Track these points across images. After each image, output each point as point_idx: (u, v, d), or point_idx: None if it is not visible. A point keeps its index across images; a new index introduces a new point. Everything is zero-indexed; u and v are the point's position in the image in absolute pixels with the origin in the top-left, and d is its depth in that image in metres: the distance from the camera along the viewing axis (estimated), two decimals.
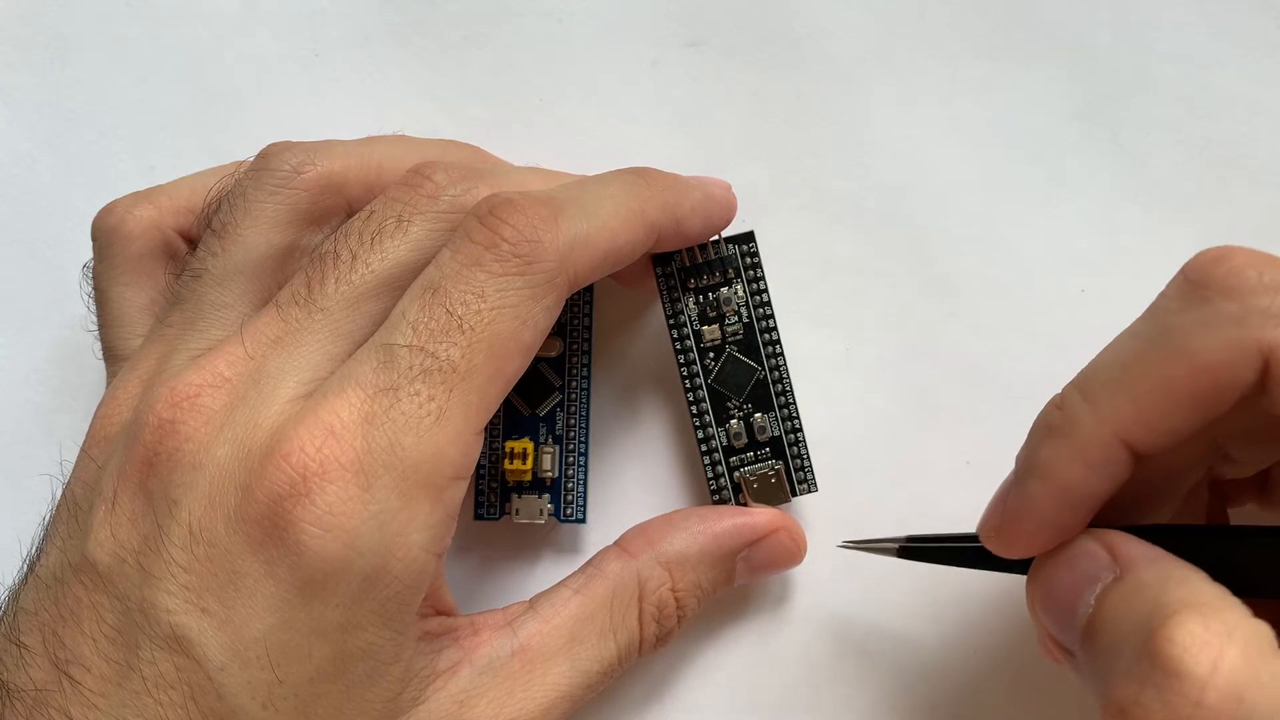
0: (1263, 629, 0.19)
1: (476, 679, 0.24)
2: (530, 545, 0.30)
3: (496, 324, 0.22)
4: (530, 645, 0.25)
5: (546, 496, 0.29)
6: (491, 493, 0.29)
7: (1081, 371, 0.22)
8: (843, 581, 0.30)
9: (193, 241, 0.27)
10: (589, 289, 0.30)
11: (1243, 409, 0.20)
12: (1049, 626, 0.22)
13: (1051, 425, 0.22)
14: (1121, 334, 0.22)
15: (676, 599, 0.27)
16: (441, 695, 0.24)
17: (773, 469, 0.29)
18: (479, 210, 0.23)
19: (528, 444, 0.28)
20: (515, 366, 0.23)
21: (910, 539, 0.26)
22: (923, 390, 0.30)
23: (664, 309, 0.29)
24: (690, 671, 0.30)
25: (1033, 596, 0.23)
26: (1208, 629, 0.19)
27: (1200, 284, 0.20)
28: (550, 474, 0.29)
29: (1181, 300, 0.21)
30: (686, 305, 0.29)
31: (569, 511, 0.29)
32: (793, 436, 0.29)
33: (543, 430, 0.29)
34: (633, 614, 0.27)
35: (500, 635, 0.25)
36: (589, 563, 0.27)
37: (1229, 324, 0.20)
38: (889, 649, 0.29)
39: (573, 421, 0.29)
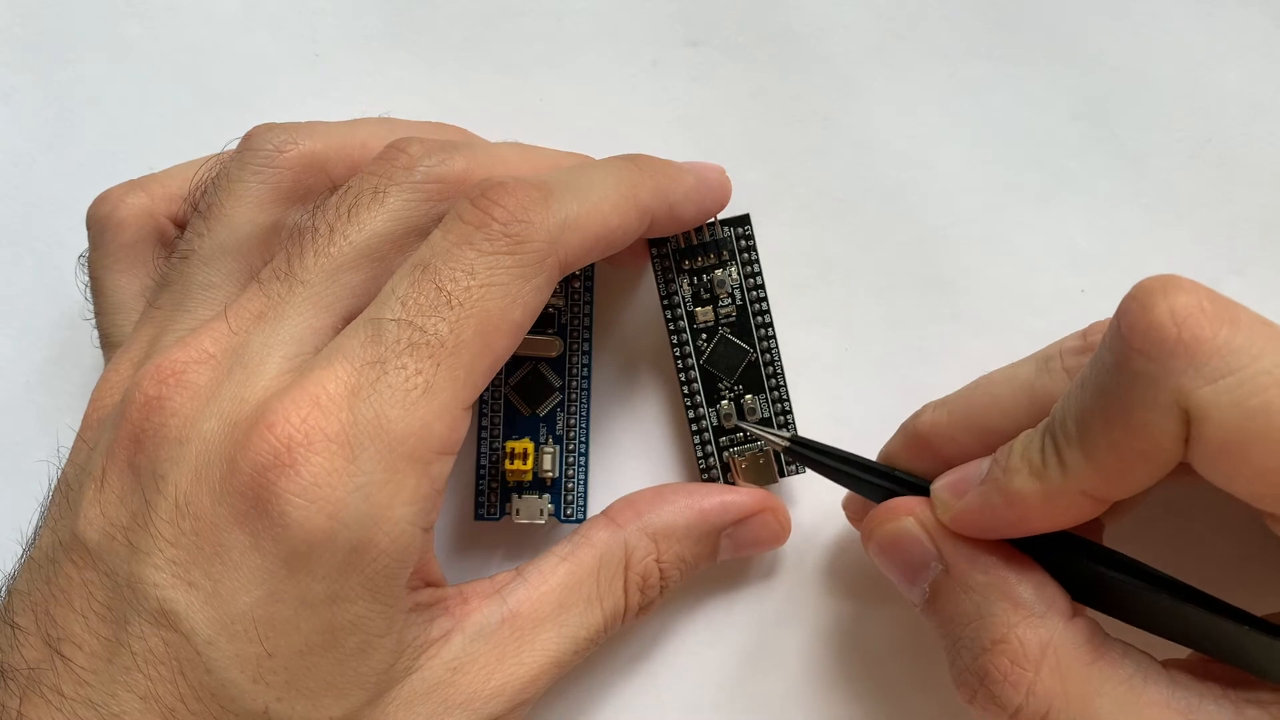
0: (1078, 633, 0.22)
1: (468, 646, 0.25)
2: (530, 545, 0.30)
3: (486, 301, 0.22)
4: (520, 612, 0.25)
5: (547, 497, 0.29)
6: (491, 493, 0.29)
7: (1051, 417, 0.22)
8: (844, 580, 0.30)
9: (184, 228, 0.28)
10: (589, 290, 0.30)
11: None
12: (889, 576, 0.25)
13: (1033, 467, 0.22)
14: (1074, 381, 0.22)
15: (661, 570, 0.27)
16: (435, 662, 0.24)
17: (762, 450, 0.29)
18: (471, 193, 0.23)
19: (528, 444, 0.28)
20: (504, 344, 0.23)
21: (799, 439, 0.27)
22: (923, 390, 0.30)
23: (658, 290, 0.29)
24: (689, 669, 0.30)
25: (871, 551, 0.25)
26: (1025, 654, 0.22)
27: (1127, 338, 0.20)
28: (550, 474, 0.29)
29: (1112, 354, 0.20)
30: (681, 286, 0.29)
31: (569, 511, 0.29)
32: (783, 419, 0.29)
33: (543, 430, 0.29)
34: (619, 582, 0.27)
35: (489, 603, 0.25)
36: (576, 531, 0.28)
37: (1150, 385, 0.20)
38: (890, 648, 0.29)
39: (573, 421, 0.29)
